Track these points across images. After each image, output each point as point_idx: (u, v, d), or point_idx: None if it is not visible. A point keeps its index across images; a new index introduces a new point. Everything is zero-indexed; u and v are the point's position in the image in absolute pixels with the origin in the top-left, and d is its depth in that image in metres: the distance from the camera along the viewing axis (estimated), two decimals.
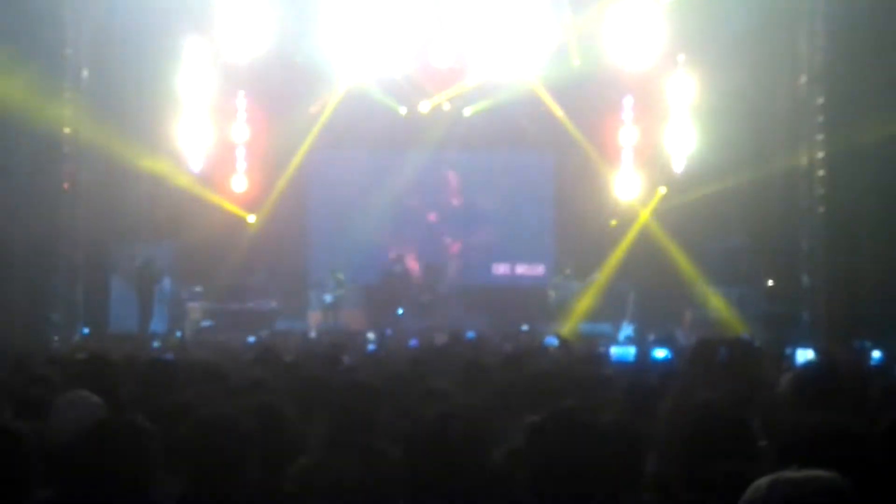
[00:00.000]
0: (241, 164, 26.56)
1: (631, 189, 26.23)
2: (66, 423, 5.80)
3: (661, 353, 10.55)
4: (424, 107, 26.37)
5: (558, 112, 26.07)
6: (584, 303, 24.36)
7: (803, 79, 23.25)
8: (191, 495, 4.66)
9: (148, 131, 24.34)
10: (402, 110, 26.40)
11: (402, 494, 4.94)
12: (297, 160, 26.76)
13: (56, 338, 21.65)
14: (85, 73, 23.39)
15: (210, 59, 25.51)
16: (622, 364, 13.90)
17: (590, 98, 25.85)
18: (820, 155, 22.82)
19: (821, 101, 22.82)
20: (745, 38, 22.71)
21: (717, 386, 5.26)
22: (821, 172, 22.86)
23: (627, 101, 26.27)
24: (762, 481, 3.24)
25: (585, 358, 11.32)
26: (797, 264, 23.38)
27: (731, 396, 5.10)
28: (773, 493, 3.19)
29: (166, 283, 24.45)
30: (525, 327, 21.60)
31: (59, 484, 4.84)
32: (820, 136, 22.79)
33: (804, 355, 10.33)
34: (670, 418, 4.92)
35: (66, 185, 23.21)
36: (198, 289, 25.16)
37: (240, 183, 26.47)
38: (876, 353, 14.48)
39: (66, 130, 23.09)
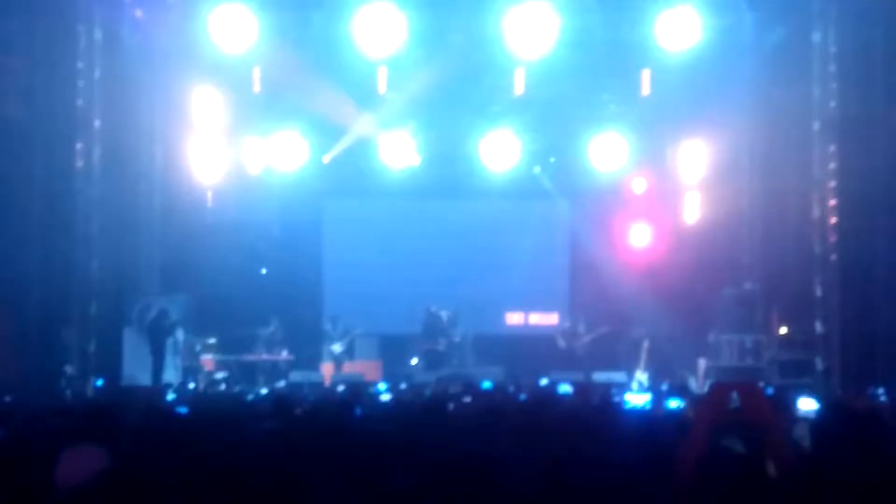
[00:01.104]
0: (256, 213, 26.58)
1: (645, 236, 26.22)
2: (71, 476, 5.78)
3: (674, 404, 10.48)
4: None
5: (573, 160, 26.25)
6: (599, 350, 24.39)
7: (816, 125, 23.26)
8: None
9: (160, 177, 24.47)
10: (415, 160, 26.52)
11: None
12: (309, 208, 26.93)
13: (69, 391, 21.64)
14: (97, 123, 23.49)
15: (224, 103, 25.59)
16: (635, 413, 13.84)
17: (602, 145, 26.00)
18: (832, 202, 22.80)
19: (833, 148, 22.83)
20: (758, 85, 22.77)
21: (729, 432, 5.25)
22: (833, 219, 22.83)
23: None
24: None
25: (600, 406, 11.29)
26: (810, 311, 23.30)
27: (744, 443, 5.08)
28: None
29: (179, 334, 24.45)
30: (545, 380, 21.21)
31: None
32: (832, 183, 22.77)
33: (807, 404, 10.26)
34: (686, 462, 4.90)
35: (78, 236, 23.23)
36: (211, 340, 25.15)
37: (255, 232, 26.54)
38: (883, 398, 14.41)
39: (79, 183, 23.16)
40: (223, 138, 25.85)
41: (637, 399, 16.90)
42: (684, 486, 4.79)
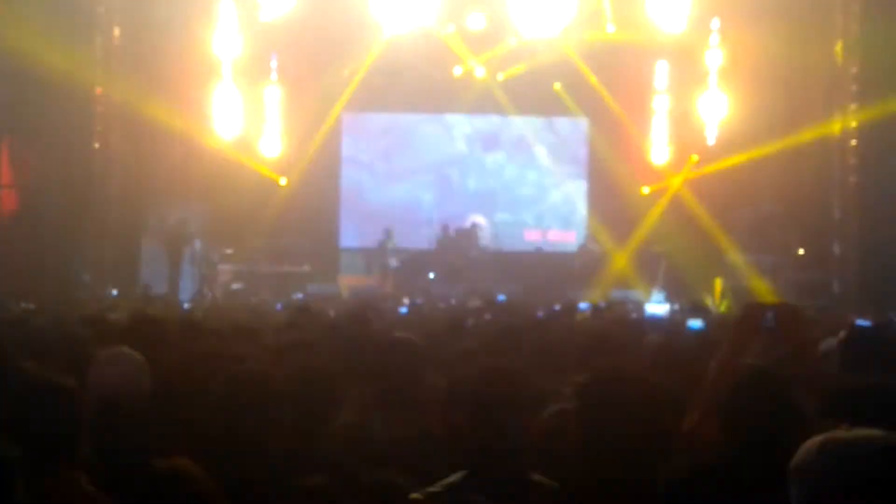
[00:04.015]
0: (274, 127, 26.42)
1: (663, 156, 26.11)
2: (106, 380, 5.79)
3: (695, 322, 10.47)
4: (457, 71, 26.30)
5: (592, 77, 25.98)
6: (616, 268, 24.40)
7: (838, 47, 23.08)
8: (222, 453, 4.65)
9: (180, 92, 24.26)
10: (435, 74, 26.35)
11: (444, 452, 4.95)
12: (329, 122, 26.79)
13: (87, 298, 21.71)
14: (116, 31, 23.38)
15: (243, 20, 25.38)
16: (655, 320, 13.88)
17: (624, 63, 25.72)
18: (853, 124, 22.70)
19: (855, 69, 22.68)
20: (780, 6, 22.54)
21: (763, 350, 5.24)
22: (853, 142, 22.75)
23: (661, 67, 26.06)
24: (813, 442, 3.21)
25: (618, 321, 11.31)
26: (828, 233, 23.28)
27: (778, 361, 5.07)
28: (824, 453, 3.16)
29: (197, 244, 24.43)
30: (557, 307, 20.71)
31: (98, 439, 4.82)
32: (853, 105, 22.66)
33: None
34: (715, 380, 4.89)
35: (97, 146, 23.24)
36: (229, 251, 25.12)
37: (272, 145, 26.36)
38: None
39: (98, 90, 23.13)
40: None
41: (657, 308, 17.00)
42: (711, 406, 4.78)
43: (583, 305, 14.89)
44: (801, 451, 3.21)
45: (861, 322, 10.77)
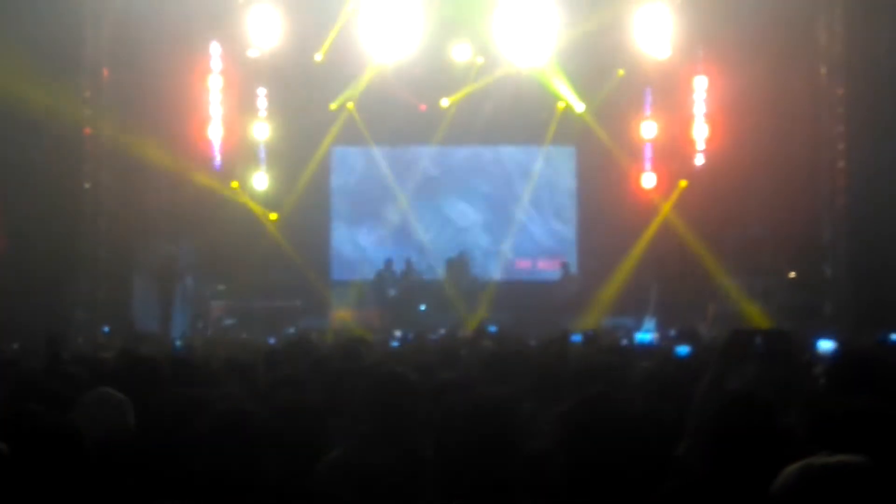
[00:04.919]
0: (263, 161, 26.44)
1: (652, 182, 26.14)
2: (91, 422, 5.78)
3: (683, 348, 10.50)
4: (444, 102, 26.35)
5: (578, 105, 26.01)
6: (605, 296, 24.40)
7: (823, 70, 23.17)
8: (206, 493, 4.65)
9: (169, 129, 24.29)
10: (422, 106, 26.42)
11: (434, 487, 4.95)
12: (318, 157, 26.83)
13: (80, 338, 21.67)
14: (105, 71, 23.43)
15: (230, 57, 25.47)
16: (646, 347, 13.94)
17: (610, 90, 25.80)
18: (840, 146, 22.76)
19: (841, 91, 22.77)
20: (765, 29, 22.62)
21: (753, 376, 5.26)
22: (841, 163, 22.80)
23: (647, 93, 26.12)
24: (793, 468, 3.24)
25: (610, 350, 11.31)
26: (819, 255, 23.31)
27: (767, 386, 5.09)
28: (803, 479, 3.19)
29: (189, 281, 24.43)
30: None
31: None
32: (840, 127, 22.72)
33: (825, 346, 10.33)
34: (702, 406, 4.91)
35: (87, 185, 23.26)
36: (220, 287, 25.14)
37: (261, 180, 26.35)
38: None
39: (87, 130, 23.16)
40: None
41: (647, 335, 17.05)
42: (698, 432, 4.80)
43: (575, 337, 14.87)
44: (780, 477, 3.24)
45: (825, 341, 10.80)
